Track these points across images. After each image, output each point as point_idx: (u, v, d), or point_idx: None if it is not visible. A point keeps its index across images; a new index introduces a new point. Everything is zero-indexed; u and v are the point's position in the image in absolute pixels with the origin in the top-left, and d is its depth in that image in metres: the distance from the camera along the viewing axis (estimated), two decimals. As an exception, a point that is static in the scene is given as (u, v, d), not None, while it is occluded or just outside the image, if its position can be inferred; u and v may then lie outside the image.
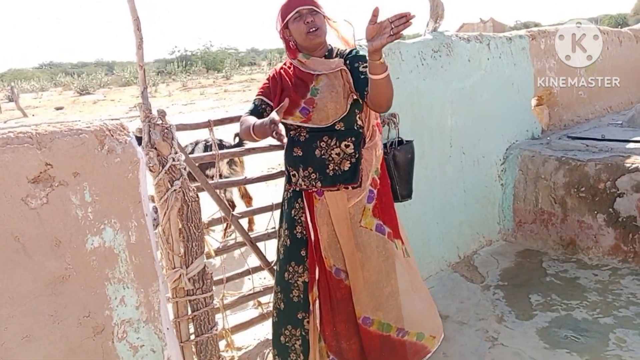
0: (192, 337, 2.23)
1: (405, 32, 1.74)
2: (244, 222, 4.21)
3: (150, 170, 2.06)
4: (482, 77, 3.44)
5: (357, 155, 2.09)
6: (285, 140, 2.09)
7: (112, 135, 1.88)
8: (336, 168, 2.09)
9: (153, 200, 2.15)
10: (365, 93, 1.97)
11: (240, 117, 2.23)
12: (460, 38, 3.34)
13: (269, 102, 2.16)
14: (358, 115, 2.12)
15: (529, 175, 3.63)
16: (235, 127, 4.20)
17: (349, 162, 2.09)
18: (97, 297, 1.84)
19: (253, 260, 2.68)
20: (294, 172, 2.17)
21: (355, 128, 2.12)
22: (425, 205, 3.14)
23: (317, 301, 2.19)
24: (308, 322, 2.23)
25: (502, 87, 3.64)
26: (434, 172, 3.19)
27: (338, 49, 2.15)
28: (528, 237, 3.68)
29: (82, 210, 1.79)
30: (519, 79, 3.78)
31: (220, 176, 4.08)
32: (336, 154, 2.09)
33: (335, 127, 2.08)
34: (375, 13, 1.67)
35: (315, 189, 2.13)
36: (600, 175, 3.29)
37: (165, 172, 2.08)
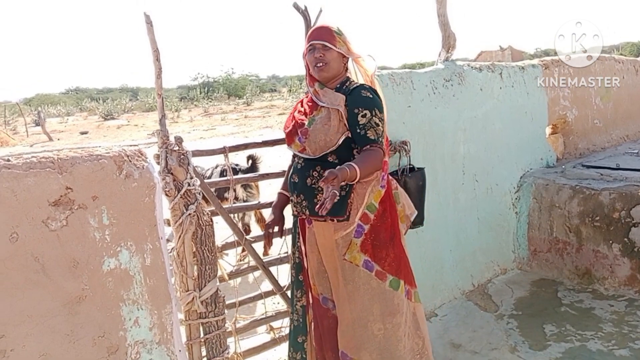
0: (205, 359, 2.26)
1: (417, 61, 1.82)
2: (259, 246, 4.27)
3: (167, 194, 2.13)
4: (494, 106, 3.48)
5: (347, 189, 2.05)
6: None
7: (130, 161, 1.96)
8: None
9: (168, 224, 2.22)
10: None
11: (254, 143, 2.37)
12: (472, 67, 3.39)
13: None
14: (356, 150, 2.08)
15: (543, 203, 3.62)
16: (249, 151, 4.30)
17: (339, 194, 2.01)
18: (112, 318, 1.89)
19: (266, 285, 2.71)
20: (292, 197, 2.21)
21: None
22: (438, 232, 3.15)
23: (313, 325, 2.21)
24: (307, 344, 2.26)
25: (516, 115, 3.66)
26: (447, 199, 3.21)
27: (350, 82, 2.17)
28: (543, 266, 3.65)
29: (99, 233, 1.86)
30: (533, 108, 3.80)
31: (237, 199, 4.15)
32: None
33: (328, 159, 2.08)
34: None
35: (305, 217, 2.16)
36: (615, 205, 3.27)
37: (181, 197, 2.15)
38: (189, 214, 2.16)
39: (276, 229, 2.35)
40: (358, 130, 2.04)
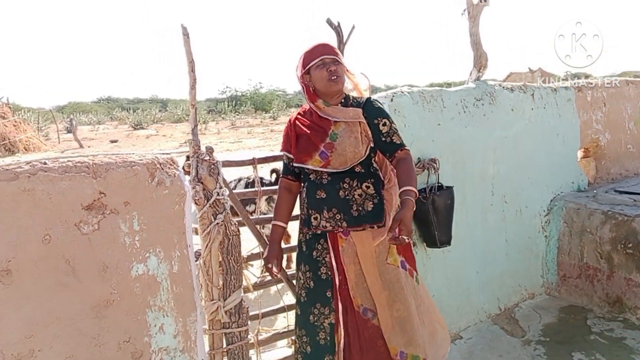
0: (226, 370, 2.25)
1: (448, 80, 1.87)
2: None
3: (196, 203, 2.15)
4: (525, 127, 3.43)
5: (378, 197, 2.17)
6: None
7: (163, 169, 1.99)
8: (360, 208, 2.15)
9: (196, 233, 2.24)
10: (390, 159, 2.21)
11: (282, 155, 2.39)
12: (503, 87, 3.36)
13: (290, 155, 2.31)
14: (373, 159, 2.23)
15: (574, 228, 3.54)
16: (274, 165, 4.32)
17: (371, 202, 2.16)
18: (138, 323, 1.90)
19: (289, 298, 2.70)
20: (316, 214, 2.20)
21: (372, 170, 2.21)
22: (465, 253, 3.11)
23: (343, 342, 2.17)
24: None
25: (547, 137, 3.61)
26: (475, 219, 3.17)
27: (352, 98, 2.28)
28: (572, 292, 3.55)
29: (129, 238, 1.88)
30: (565, 130, 3.74)
31: (260, 213, 4.17)
32: (358, 194, 2.15)
33: (355, 169, 2.17)
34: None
35: (341, 229, 2.16)
36: (650, 232, 3.17)
37: (210, 206, 2.16)
38: (217, 224, 2.17)
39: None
40: (384, 139, 2.19)
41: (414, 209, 2.02)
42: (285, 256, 4.12)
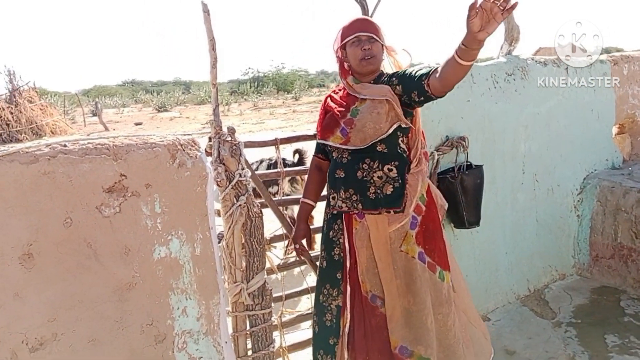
0: (250, 352, 2.23)
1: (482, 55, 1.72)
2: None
3: (218, 184, 2.10)
4: (559, 103, 3.29)
5: (400, 180, 2.02)
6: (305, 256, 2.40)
7: (184, 150, 1.95)
8: (378, 191, 2.02)
9: (219, 215, 2.20)
10: (425, 81, 1.89)
11: (305, 136, 2.34)
12: (536, 62, 3.22)
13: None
14: (401, 139, 2.05)
15: (607, 207, 3.41)
16: (297, 145, 4.26)
17: (392, 186, 2.01)
18: (161, 307, 1.89)
19: (312, 279, 2.66)
20: (334, 194, 2.13)
21: (399, 152, 2.04)
22: (494, 233, 3.01)
23: (348, 327, 2.11)
24: (338, 347, 2.17)
25: (581, 113, 3.46)
26: (505, 199, 3.06)
27: (386, 74, 2.10)
28: (605, 273, 3.44)
29: (151, 221, 1.85)
30: (599, 106, 3.58)
31: (282, 194, 4.13)
32: (378, 177, 2.02)
33: (377, 148, 2.02)
34: (474, 5, 1.53)
35: (356, 211, 2.08)
36: (690, 211, 3.03)
37: (232, 187, 2.12)
38: (240, 205, 2.13)
39: (304, 242, 2.40)
40: (414, 73, 1.93)
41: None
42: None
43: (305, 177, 4.37)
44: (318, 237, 2.43)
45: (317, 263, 2.30)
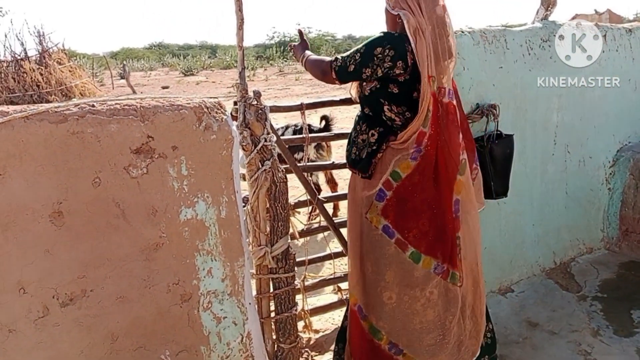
0: (273, 314, 2.27)
1: (512, 21, 1.64)
2: (329, 207, 4.25)
3: (243, 149, 2.10)
4: (595, 71, 3.16)
5: (375, 147, 1.98)
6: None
7: (210, 113, 1.94)
8: (357, 153, 2.05)
9: (244, 179, 2.21)
10: None
11: (331, 101, 2.32)
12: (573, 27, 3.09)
13: None
14: (387, 107, 1.96)
15: (641, 180, 3.31)
16: (323, 111, 4.23)
17: (366, 151, 2.00)
18: (187, 267, 1.92)
19: (335, 245, 2.67)
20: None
21: (384, 119, 1.98)
22: (521, 204, 2.96)
23: None
24: None
25: (618, 82, 3.32)
26: (534, 170, 3.00)
27: None
28: (634, 248, 3.37)
29: (178, 183, 1.87)
30: (637, 75, 3.43)
31: (308, 160, 4.12)
32: (362, 140, 2.03)
33: (365, 110, 2.05)
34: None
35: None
36: None
37: (257, 152, 2.11)
38: (265, 170, 2.13)
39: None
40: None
41: (296, 55, 2.29)
42: (332, 204, 4.12)
43: (330, 145, 4.36)
44: (342, 204, 2.44)
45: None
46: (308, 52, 2.25)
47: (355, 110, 2.20)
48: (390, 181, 1.96)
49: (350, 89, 2.17)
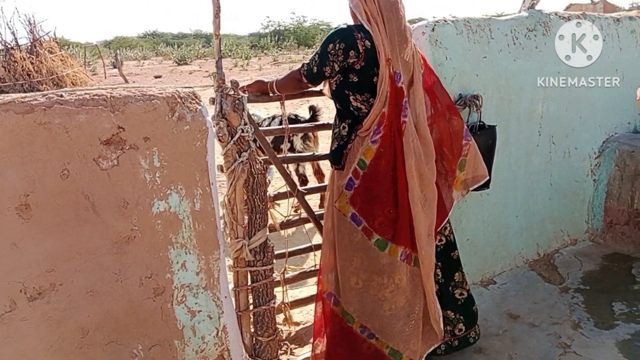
0: (251, 307, 2.25)
1: (499, 11, 1.63)
2: (317, 198, 4.23)
3: (220, 140, 2.07)
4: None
5: (345, 139, 2.05)
6: None
7: (184, 103, 1.91)
8: (332, 147, 2.12)
9: (221, 170, 2.18)
10: None
11: (311, 92, 2.32)
12: (559, 17, 3.05)
13: None
14: (352, 97, 2.02)
15: (626, 172, 3.30)
16: (312, 101, 4.19)
17: (337, 143, 2.09)
18: (160, 260, 1.89)
19: (317, 238, 2.65)
20: None
21: (352, 109, 2.04)
22: (505, 196, 2.95)
23: None
24: None
25: (604, 72, 3.30)
26: (518, 161, 2.98)
27: None
28: (619, 240, 3.36)
29: (150, 175, 1.84)
30: (624, 65, 3.41)
31: (294, 150, 4.08)
32: (334, 132, 2.11)
33: (336, 105, 2.10)
34: None
35: None
36: None
37: (234, 143, 2.08)
38: (242, 162, 2.09)
39: None
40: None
41: (256, 87, 2.26)
42: (319, 195, 4.09)
43: (317, 133, 4.32)
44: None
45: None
46: (267, 79, 2.31)
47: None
48: (357, 170, 2.00)
49: (323, 89, 2.22)
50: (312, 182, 4.41)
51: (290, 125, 2.36)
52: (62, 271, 1.69)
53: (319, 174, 4.39)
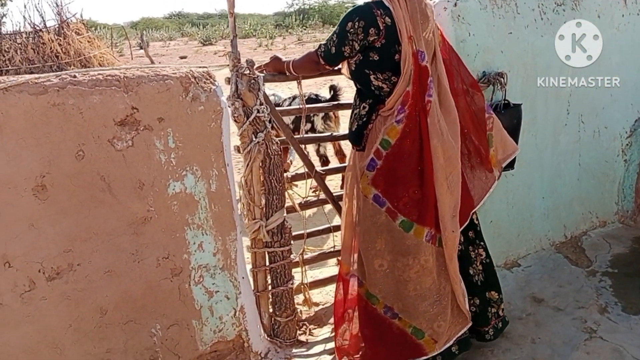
0: (269, 287, 2.25)
1: None
2: (338, 178, 4.19)
3: (235, 120, 2.05)
4: (613, 37, 2.99)
5: (365, 119, 1.98)
6: None
7: (198, 83, 1.88)
8: (351, 127, 2.05)
9: (238, 151, 2.16)
10: None
11: (329, 71, 2.24)
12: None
13: None
14: (373, 76, 1.93)
15: (660, 151, 3.16)
16: (335, 80, 4.12)
17: (357, 123, 2.01)
18: (177, 241, 1.90)
19: (337, 219, 2.62)
20: None
21: (372, 89, 1.96)
22: (531, 176, 2.86)
23: None
24: None
25: (637, 49, 3.14)
26: (545, 141, 2.88)
27: None
28: (650, 222, 3.24)
29: (165, 156, 1.83)
30: (660, 41, 3.24)
31: (315, 131, 4.04)
32: (355, 113, 2.04)
33: (357, 85, 2.03)
34: None
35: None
36: None
37: (250, 124, 2.06)
38: (258, 142, 2.07)
39: None
40: None
41: (273, 66, 2.22)
42: (341, 175, 4.05)
43: (338, 113, 4.25)
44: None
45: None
46: (285, 58, 2.26)
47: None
48: (380, 150, 1.93)
49: (342, 69, 2.15)
50: (334, 163, 4.37)
51: (307, 105, 2.32)
52: (79, 251, 1.71)
53: (340, 154, 4.34)
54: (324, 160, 4.21)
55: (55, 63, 15.47)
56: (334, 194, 2.46)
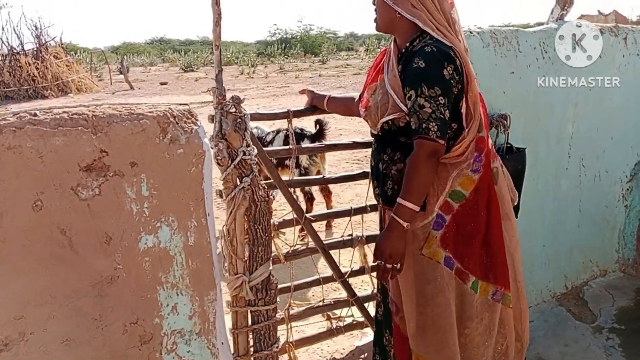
0: (251, 351, 2.00)
1: (526, 21, 1.39)
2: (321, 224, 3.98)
3: (219, 163, 1.84)
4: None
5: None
6: None
7: (177, 123, 1.67)
8: (395, 187, 1.74)
9: (221, 196, 1.95)
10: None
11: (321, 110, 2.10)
12: (591, 29, 2.82)
13: None
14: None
15: (661, 197, 3.05)
16: (312, 118, 3.94)
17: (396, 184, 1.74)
18: (147, 303, 1.66)
19: (325, 269, 2.41)
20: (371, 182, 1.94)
21: None
22: (532, 223, 2.70)
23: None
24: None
25: (638, 90, 3.05)
26: (546, 185, 2.74)
27: (423, 40, 1.66)
28: (652, 271, 3.10)
29: (137, 205, 1.60)
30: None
31: (299, 166, 3.85)
32: (397, 170, 1.74)
33: (400, 139, 1.71)
34: None
35: (381, 205, 1.85)
36: None
37: (235, 167, 1.85)
38: (243, 187, 1.86)
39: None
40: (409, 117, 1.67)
41: (398, 231, 1.63)
42: (326, 221, 3.85)
43: (322, 154, 4.06)
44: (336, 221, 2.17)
45: None
46: (397, 208, 1.69)
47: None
48: (449, 203, 1.69)
49: (370, 126, 1.84)
50: (319, 199, 4.17)
51: (297, 146, 2.13)
52: (33, 318, 1.46)
53: (325, 191, 4.14)
54: (309, 197, 4.01)
55: (32, 87, 15.17)
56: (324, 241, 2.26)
